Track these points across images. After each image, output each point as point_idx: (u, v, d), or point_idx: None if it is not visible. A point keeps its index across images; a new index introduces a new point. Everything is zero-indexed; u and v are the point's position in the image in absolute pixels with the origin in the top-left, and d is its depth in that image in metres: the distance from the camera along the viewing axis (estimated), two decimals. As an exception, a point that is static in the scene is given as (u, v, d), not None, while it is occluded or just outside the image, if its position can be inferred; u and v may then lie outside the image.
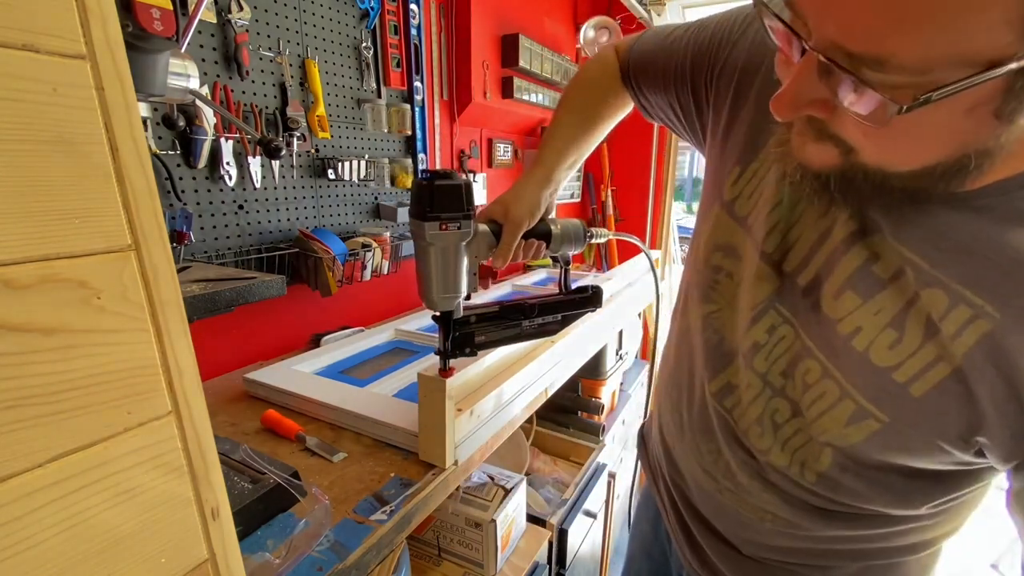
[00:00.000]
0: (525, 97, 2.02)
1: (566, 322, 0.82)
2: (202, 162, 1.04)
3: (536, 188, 0.76)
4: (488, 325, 0.74)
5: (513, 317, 0.76)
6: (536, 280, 2.01)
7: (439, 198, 0.60)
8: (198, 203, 1.08)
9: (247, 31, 1.10)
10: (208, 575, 0.42)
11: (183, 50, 0.87)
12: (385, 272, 1.44)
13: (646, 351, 2.22)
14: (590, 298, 0.82)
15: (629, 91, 0.82)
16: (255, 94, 1.16)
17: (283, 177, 1.24)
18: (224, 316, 0.83)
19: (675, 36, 0.71)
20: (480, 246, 0.71)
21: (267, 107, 1.18)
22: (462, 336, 0.72)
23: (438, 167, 1.75)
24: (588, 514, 1.36)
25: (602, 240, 0.84)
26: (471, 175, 1.90)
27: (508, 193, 0.76)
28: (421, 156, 1.63)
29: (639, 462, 0.94)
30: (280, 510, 0.67)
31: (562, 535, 1.23)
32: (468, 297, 0.70)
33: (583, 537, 1.36)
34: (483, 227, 0.71)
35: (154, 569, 0.38)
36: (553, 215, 0.81)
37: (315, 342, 1.32)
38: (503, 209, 0.72)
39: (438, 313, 0.70)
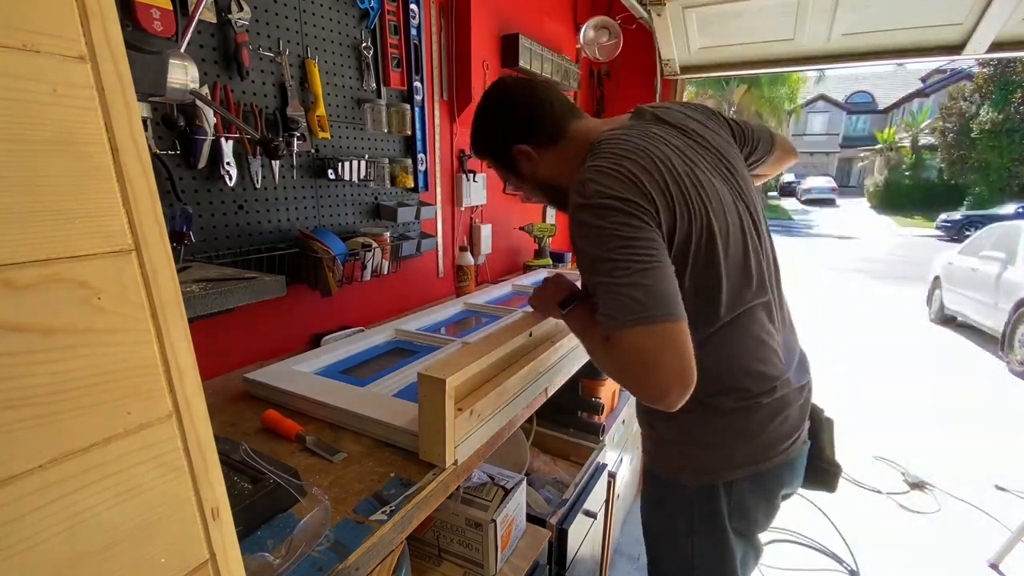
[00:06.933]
0: (525, 97, 2.02)
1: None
2: (202, 162, 1.04)
3: None
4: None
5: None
6: (536, 280, 2.01)
7: None
8: (198, 203, 1.08)
9: (247, 31, 1.10)
10: (208, 575, 0.42)
11: (183, 50, 0.87)
12: (385, 272, 1.44)
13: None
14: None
15: None
16: (255, 94, 1.16)
17: (283, 177, 1.24)
18: (224, 316, 0.83)
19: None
20: None
21: (267, 107, 1.18)
22: None
23: (438, 167, 1.75)
24: (588, 514, 1.36)
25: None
26: (471, 175, 1.90)
27: None
28: (421, 156, 1.63)
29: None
30: (280, 510, 0.67)
31: (562, 535, 1.23)
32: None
33: (583, 537, 1.36)
34: None
35: (154, 569, 0.38)
36: None
37: (315, 342, 1.32)
38: None
39: None
